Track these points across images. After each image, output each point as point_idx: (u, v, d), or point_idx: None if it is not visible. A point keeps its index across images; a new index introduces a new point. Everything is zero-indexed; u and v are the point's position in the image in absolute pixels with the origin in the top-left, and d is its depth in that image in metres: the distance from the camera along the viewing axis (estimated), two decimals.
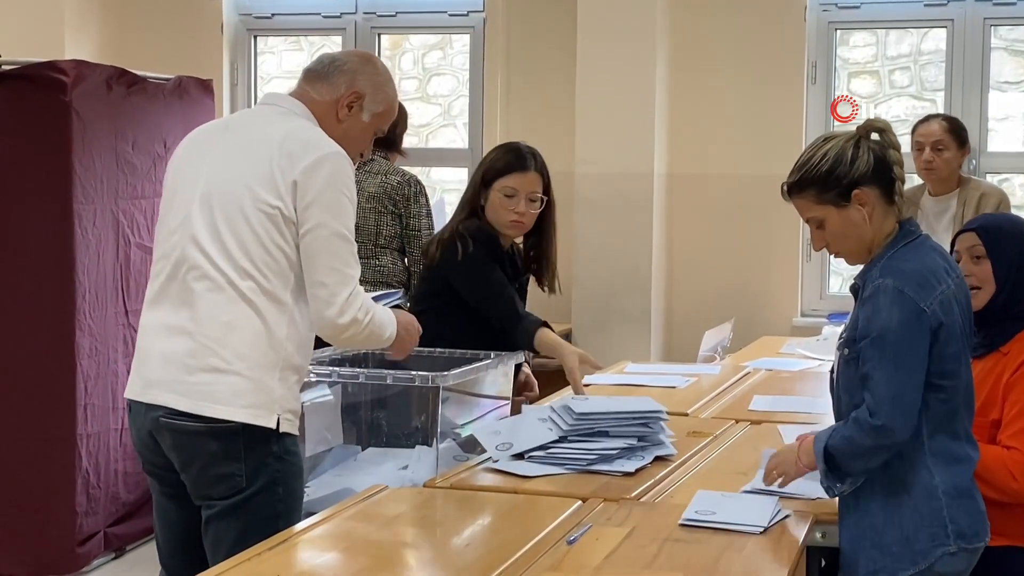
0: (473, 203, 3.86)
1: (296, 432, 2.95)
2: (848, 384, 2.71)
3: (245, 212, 2.87)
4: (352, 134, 3.08)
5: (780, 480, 2.83)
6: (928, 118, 5.39)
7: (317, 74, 3.08)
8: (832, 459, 2.66)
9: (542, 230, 3.92)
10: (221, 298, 2.86)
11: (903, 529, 2.65)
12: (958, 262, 3.14)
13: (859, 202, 2.68)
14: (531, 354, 3.87)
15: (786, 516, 2.77)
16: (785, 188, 2.76)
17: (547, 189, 3.87)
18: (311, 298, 2.90)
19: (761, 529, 2.66)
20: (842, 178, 2.67)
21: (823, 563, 2.92)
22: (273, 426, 2.86)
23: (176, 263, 2.92)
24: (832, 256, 2.82)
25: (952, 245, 3.23)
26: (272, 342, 2.87)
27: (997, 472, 2.91)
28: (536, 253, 3.97)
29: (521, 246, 4.00)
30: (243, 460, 2.86)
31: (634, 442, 3.28)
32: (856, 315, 2.70)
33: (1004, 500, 2.92)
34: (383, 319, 3.02)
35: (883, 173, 2.69)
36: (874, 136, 2.73)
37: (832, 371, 2.83)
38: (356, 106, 3.06)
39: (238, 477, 2.86)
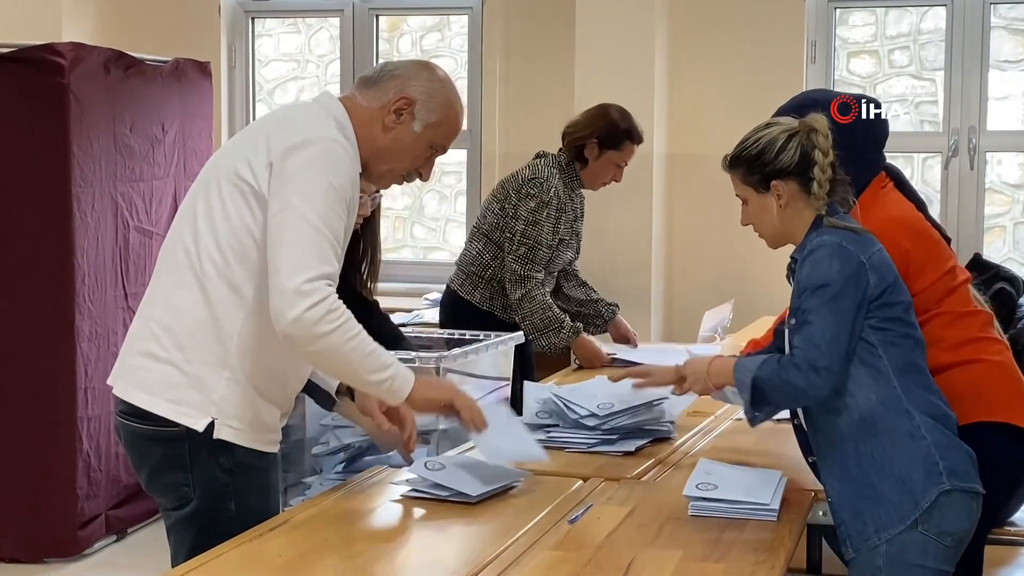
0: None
1: (247, 444, 2.66)
2: None
3: (220, 184, 2.66)
4: (401, 145, 2.78)
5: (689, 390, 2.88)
6: None
7: (368, 80, 2.82)
8: (759, 391, 2.66)
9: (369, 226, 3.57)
10: (174, 279, 2.67)
11: (895, 474, 2.60)
12: None
13: (776, 192, 2.75)
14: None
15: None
16: (726, 160, 2.83)
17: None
18: (269, 289, 2.57)
19: (775, 513, 2.62)
20: (765, 166, 2.75)
21: (823, 539, 2.92)
22: (200, 429, 2.60)
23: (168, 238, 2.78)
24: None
25: None
26: (219, 336, 2.62)
27: None
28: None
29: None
30: (188, 469, 2.65)
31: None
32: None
33: None
34: (365, 343, 2.59)
35: (805, 170, 2.74)
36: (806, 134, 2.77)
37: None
38: (406, 113, 2.76)
39: (185, 487, 2.66)
